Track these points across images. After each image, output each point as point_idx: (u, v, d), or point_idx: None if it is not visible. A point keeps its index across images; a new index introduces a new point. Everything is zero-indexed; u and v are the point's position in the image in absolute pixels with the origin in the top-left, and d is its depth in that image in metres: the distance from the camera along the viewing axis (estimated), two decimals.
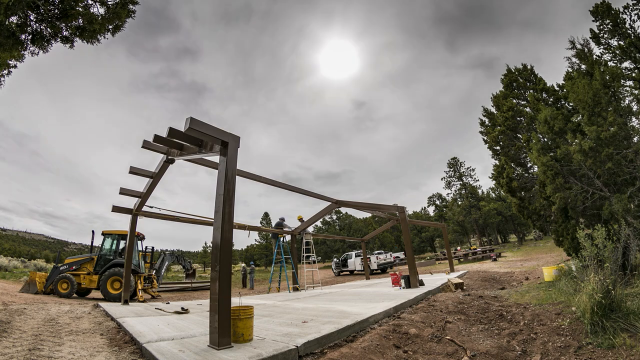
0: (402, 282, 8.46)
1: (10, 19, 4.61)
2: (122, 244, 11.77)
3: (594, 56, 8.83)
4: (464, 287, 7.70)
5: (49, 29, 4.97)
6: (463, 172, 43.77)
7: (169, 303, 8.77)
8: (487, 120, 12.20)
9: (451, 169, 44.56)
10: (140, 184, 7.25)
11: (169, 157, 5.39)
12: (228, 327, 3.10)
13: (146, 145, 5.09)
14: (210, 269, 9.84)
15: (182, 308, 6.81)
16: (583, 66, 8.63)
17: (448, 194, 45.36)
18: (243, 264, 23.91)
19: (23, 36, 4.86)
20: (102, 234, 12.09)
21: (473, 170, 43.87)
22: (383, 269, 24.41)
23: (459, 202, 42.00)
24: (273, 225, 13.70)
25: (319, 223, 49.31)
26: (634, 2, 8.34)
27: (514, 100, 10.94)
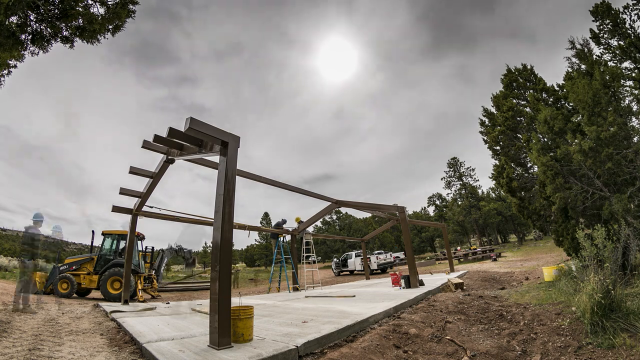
0: (402, 282, 8.46)
1: (10, 19, 4.61)
2: (122, 244, 11.78)
3: (594, 56, 8.83)
4: (464, 287, 7.69)
5: (49, 29, 4.97)
6: (463, 172, 43.80)
7: (168, 303, 8.77)
8: (487, 120, 12.20)
9: (451, 169, 44.56)
10: (140, 184, 7.25)
11: (169, 157, 5.38)
12: (228, 327, 3.10)
13: (146, 145, 5.08)
14: (210, 269, 9.82)
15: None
16: (583, 66, 8.63)
17: (448, 194, 45.42)
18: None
19: (23, 36, 4.87)
20: (102, 234, 12.10)
21: (473, 170, 43.89)
22: (383, 269, 24.41)
23: (459, 202, 42.02)
24: (273, 225, 13.70)
25: (319, 223, 49.36)
26: (634, 2, 8.33)
27: (514, 100, 10.94)
